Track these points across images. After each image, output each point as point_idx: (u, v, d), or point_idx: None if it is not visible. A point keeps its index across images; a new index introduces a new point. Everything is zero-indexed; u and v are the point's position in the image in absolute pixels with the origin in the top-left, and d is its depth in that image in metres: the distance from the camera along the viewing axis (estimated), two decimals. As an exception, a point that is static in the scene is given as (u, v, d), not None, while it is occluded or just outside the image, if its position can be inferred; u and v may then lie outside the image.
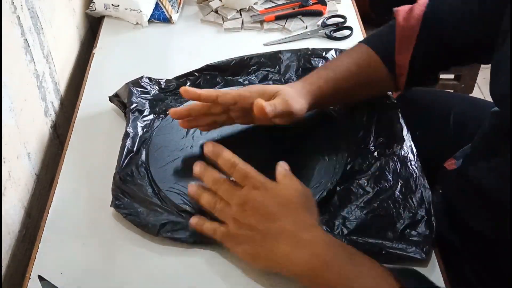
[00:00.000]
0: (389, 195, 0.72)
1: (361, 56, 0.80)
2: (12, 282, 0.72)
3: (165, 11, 1.10)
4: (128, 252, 0.69)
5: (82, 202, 0.75)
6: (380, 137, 0.80)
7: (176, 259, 0.68)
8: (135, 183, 0.75)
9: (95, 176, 0.79)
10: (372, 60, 0.79)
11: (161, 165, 0.77)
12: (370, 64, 0.79)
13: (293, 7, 1.11)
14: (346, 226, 0.69)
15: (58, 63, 0.96)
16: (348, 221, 0.69)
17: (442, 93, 1.06)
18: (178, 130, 0.82)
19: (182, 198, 0.72)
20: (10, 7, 0.77)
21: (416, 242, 0.66)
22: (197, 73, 0.93)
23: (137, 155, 0.79)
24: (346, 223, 0.69)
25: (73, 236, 0.71)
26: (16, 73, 0.78)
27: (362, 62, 0.79)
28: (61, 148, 0.86)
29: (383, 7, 1.82)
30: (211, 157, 0.67)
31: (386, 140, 0.79)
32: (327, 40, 1.04)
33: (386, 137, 0.80)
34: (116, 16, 1.11)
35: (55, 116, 0.93)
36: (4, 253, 0.71)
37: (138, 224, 0.70)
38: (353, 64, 0.79)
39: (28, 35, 0.83)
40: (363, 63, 0.79)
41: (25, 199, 0.78)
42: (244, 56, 0.95)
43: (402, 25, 0.77)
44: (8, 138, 0.73)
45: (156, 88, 0.90)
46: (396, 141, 0.79)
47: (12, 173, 0.74)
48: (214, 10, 1.12)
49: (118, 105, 0.87)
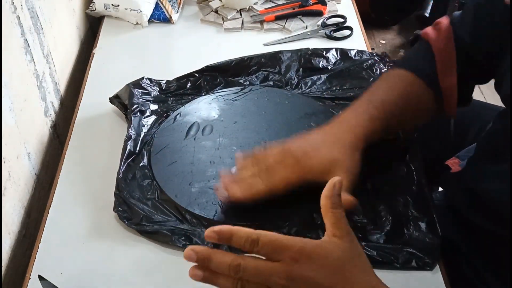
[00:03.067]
0: (391, 198, 0.72)
1: (404, 84, 0.75)
2: (12, 282, 0.72)
3: (165, 11, 1.10)
4: (128, 252, 0.69)
5: (82, 202, 0.75)
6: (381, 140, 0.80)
7: (176, 259, 0.68)
8: (137, 186, 0.74)
9: (95, 176, 0.79)
10: (415, 86, 0.75)
11: (164, 167, 0.77)
12: (414, 91, 0.74)
13: (293, 7, 1.11)
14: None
15: (58, 63, 0.96)
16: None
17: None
18: (180, 131, 0.82)
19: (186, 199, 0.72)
20: (10, 7, 0.77)
21: (423, 246, 0.66)
22: (197, 74, 0.93)
23: (139, 156, 0.79)
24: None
25: (73, 236, 0.71)
26: (16, 73, 0.78)
27: (407, 91, 0.74)
28: (61, 148, 0.86)
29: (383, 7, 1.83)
30: (221, 242, 0.51)
31: (387, 141, 0.79)
32: (327, 40, 1.04)
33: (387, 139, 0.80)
34: (116, 16, 1.11)
35: (55, 116, 0.93)
36: (4, 253, 0.71)
37: (143, 232, 0.70)
38: (399, 96, 0.73)
39: (28, 35, 0.83)
40: (408, 92, 0.74)
41: (25, 199, 0.78)
42: (245, 57, 0.95)
43: (437, 45, 0.73)
44: (8, 138, 0.73)
45: (157, 89, 0.90)
46: (398, 143, 0.79)
47: (12, 173, 0.74)
48: (214, 10, 1.12)
49: (119, 106, 0.87)
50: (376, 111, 0.71)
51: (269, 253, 0.50)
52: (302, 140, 0.71)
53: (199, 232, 0.69)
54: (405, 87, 0.75)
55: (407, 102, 0.73)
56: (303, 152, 0.68)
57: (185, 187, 0.74)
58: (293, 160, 0.68)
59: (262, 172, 0.69)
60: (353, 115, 0.71)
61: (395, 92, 0.74)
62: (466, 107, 0.78)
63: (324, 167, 0.67)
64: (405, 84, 0.75)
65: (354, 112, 0.72)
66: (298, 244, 0.50)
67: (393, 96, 0.73)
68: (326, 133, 0.70)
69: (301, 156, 0.68)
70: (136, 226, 0.70)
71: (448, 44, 0.73)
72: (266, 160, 0.70)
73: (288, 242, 0.50)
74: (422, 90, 0.75)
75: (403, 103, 0.73)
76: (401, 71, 0.77)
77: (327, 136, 0.70)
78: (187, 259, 0.50)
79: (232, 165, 0.76)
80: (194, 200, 0.72)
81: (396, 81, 0.76)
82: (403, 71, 0.76)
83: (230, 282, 0.50)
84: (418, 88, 0.75)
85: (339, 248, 0.51)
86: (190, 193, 0.73)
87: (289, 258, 0.50)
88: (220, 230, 0.50)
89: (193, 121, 0.84)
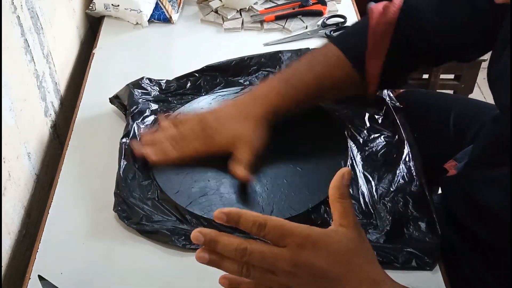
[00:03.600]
0: (391, 198, 0.72)
1: (331, 62, 0.77)
2: (12, 282, 0.72)
3: (165, 11, 1.10)
4: (128, 252, 0.69)
5: (82, 202, 0.75)
6: (381, 140, 0.80)
7: (176, 259, 0.68)
8: (137, 185, 0.75)
9: (95, 176, 0.79)
10: (342, 66, 0.76)
11: (164, 166, 0.77)
12: (339, 70, 0.76)
13: (293, 7, 1.11)
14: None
15: (58, 63, 0.96)
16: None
17: (442, 94, 1.06)
18: None
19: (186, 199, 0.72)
20: (10, 7, 0.77)
21: (423, 246, 0.66)
22: (197, 74, 0.93)
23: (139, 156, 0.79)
24: None
25: (73, 236, 0.71)
26: (16, 73, 0.78)
27: (331, 69, 0.76)
28: (61, 148, 0.86)
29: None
30: (229, 224, 0.52)
31: (388, 142, 0.80)
32: (327, 40, 1.03)
33: (387, 139, 0.80)
34: (116, 16, 1.11)
35: (55, 116, 0.93)
36: (4, 253, 0.71)
37: (143, 232, 0.70)
38: (321, 74, 0.76)
39: (28, 35, 0.83)
40: (332, 70, 0.76)
41: (25, 199, 0.78)
42: (245, 57, 0.95)
43: (375, 28, 0.74)
44: (8, 138, 0.73)
45: (157, 89, 0.90)
46: (397, 143, 0.79)
47: (12, 173, 0.74)
48: (214, 10, 1.12)
49: (119, 106, 0.87)
50: (288, 89, 0.75)
51: (275, 238, 0.50)
52: (215, 112, 0.78)
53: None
54: (328, 68, 0.77)
55: (327, 81, 0.76)
56: (213, 126, 0.76)
57: (185, 187, 0.74)
58: (203, 133, 0.76)
59: (175, 139, 0.77)
60: (265, 91, 0.76)
61: (314, 73, 0.76)
62: (398, 88, 0.82)
63: (230, 141, 0.74)
64: (329, 64, 0.77)
65: (267, 87, 0.77)
66: (305, 231, 0.51)
67: (311, 77, 0.76)
68: (238, 106, 0.77)
69: (210, 130, 0.75)
70: (136, 225, 0.70)
71: (387, 30, 0.74)
72: (182, 127, 0.77)
73: (295, 228, 0.51)
74: (347, 70, 0.76)
75: (322, 83, 0.76)
76: (331, 47, 0.78)
77: (238, 110, 0.76)
78: (194, 241, 0.50)
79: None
80: (194, 200, 0.72)
81: (320, 61, 0.78)
82: (333, 48, 0.77)
83: (235, 266, 0.51)
84: (342, 69, 0.76)
85: (346, 238, 0.52)
86: (190, 193, 0.73)
87: (295, 244, 0.50)
88: (229, 211, 0.51)
89: None
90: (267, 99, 0.75)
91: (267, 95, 0.76)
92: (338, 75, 0.77)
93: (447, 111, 0.92)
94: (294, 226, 0.51)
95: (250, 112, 0.75)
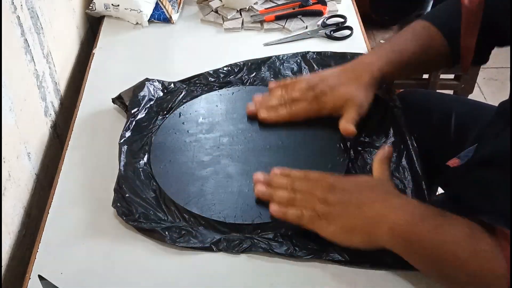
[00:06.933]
0: None
1: (427, 37, 0.81)
2: (12, 282, 0.72)
3: (165, 11, 1.10)
4: (128, 252, 0.69)
5: (82, 202, 0.75)
6: (382, 139, 0.80)
7: (176, 258, 0.68)
8: (136, 183, 0.75)
9: (95, 176, 0.79)
10: (436, 41, 0.81)
11: (163, 165, 0.77)
12: (434, 45, 0.81)
13: (293, 7, 1.11)
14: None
15: (58, 63, 0.96)
16: None
17: (442, 95, 1.06)
18: (180, 130, 0.82)
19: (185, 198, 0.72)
20: (10, 7, 0.77)
21: None
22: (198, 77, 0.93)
23: (139, 155, 0.79)
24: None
25: (73, 236, 0.71)
26: (16, 73, 0.78)
27: (427, 44, 0.81)
28: (61, 148, 0.86)
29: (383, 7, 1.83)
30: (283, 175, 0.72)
31: (388, 142, 0.79)
32: (327, 40, 1.04)
33: (387, 139, 0.80)
34: (116, 16, 1.11)
35: (55, 116, 0.93)
36: (4, 253, 0.71)
37: (140, 229, 0.70)
38: (419, 47, 0.81)
39: (28, 35, 0.83)
40: (428, 45, 0.81)
41: (25, 199, 0.78)
42: (248, 61, 0.95)
43: (469, 7, 0.76)
44: (8, 138, 0.73)
45: (160, 90, 0.90)
46: (398, 142, 0.79)
47: (12, 173, 0.74)
48: (214, 10, 1.12)
49: (122, 106, 0.87)
50: (395, 56, 0.80)
51: (317, 179, 0.69)
52: (324, 76, 0.82)
53: (197, 231, 0.69)
54: (427, 40, 0.81)
55: (425, 54, 0.81)
56: (323, 90, 0.80)
57: (184, 185, 0.74)
58: (313, 94, 0.80)
59: (287, 102, 0.82)
60: (374, 57, 0.81)
61: (416, 43, 0.81)
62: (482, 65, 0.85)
63: (339, 103, 0.79)
64: (427, 37, 0.81)
65: (376, 55, 0.82)
66: (332, 178, 0.69)
67: (413, 47, 0.81)
68: (347, 71, 0.82)
69: (320, 93, 0.80)
70: (134, 222, 0.70)
71: (479, 7, 0.75)
72: (292, 91, 0.82)
73: (327, 175, 0.70)
74: (442, 46, 0.81)
75: (421, 54, 0.81)
76: (426, 23, 0.82)
77: (348, 73, 0.81)
78: (255, 180, 0.72)
79: (231, 164, 0.76)
80: (192, 198, 0.72)
81: (420, 33, 0.82)
82: (429, 25, 0.82)
83: (286, 193, 0.68)
84: (438, 44, 0.81)
85: (375, 179, 0.68)
86: (189, 192, 0.73)
87: (333, 177, 0.69)
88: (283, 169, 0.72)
89: (194, 120, 0.84)
90: (375, 66, 0.80)
91: (375, 62, 0.80)
92: (435, 50, 0.81)
93: (448, 112, 0.92)
94: (325, 174, 0.69)
95: (359, 77, 0.79)
